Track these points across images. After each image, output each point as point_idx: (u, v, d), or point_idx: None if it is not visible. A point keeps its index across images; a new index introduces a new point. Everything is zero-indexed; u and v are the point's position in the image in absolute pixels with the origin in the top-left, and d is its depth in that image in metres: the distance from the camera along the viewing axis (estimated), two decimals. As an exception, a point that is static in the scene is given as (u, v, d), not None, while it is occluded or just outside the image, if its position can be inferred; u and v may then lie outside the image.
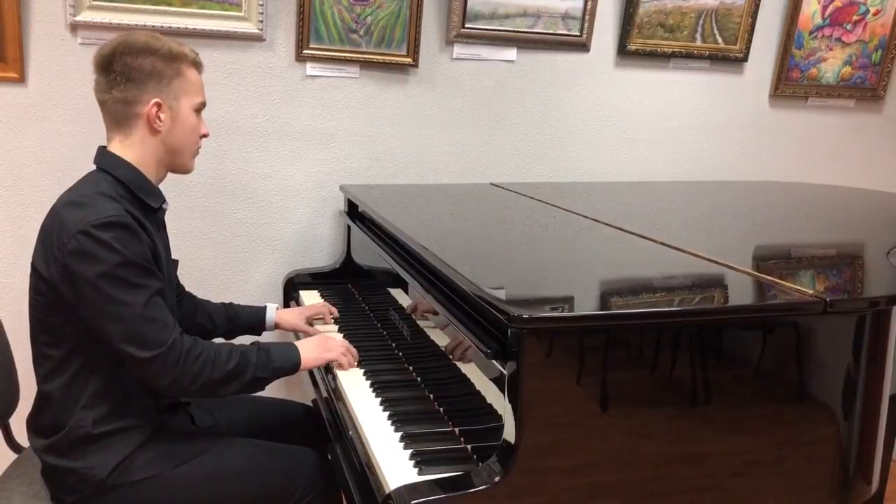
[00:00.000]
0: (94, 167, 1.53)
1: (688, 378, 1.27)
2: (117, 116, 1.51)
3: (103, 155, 1.52)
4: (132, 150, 1.51)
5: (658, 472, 1.27)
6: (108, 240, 1.36)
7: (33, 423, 1.56)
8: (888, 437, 1.50)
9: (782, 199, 2.51)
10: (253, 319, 1.91)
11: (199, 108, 1.57)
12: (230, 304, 1.92)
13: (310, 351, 1.63)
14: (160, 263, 1.50)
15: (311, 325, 1.95)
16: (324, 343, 1.69)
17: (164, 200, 1.58)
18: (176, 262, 1.74)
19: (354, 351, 1.72)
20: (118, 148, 1.52)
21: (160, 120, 1.50)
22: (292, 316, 1.95)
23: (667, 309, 1.28)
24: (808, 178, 2.97)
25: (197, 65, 1.57)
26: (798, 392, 1.34)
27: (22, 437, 1.64)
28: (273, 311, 1.93)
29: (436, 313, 1.55)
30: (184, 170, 1.60)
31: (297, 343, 1.64)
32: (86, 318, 1.41)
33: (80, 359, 1.47)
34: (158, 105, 1.49)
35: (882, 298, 1.37)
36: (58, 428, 1.48)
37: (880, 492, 1.60)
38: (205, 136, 1.61)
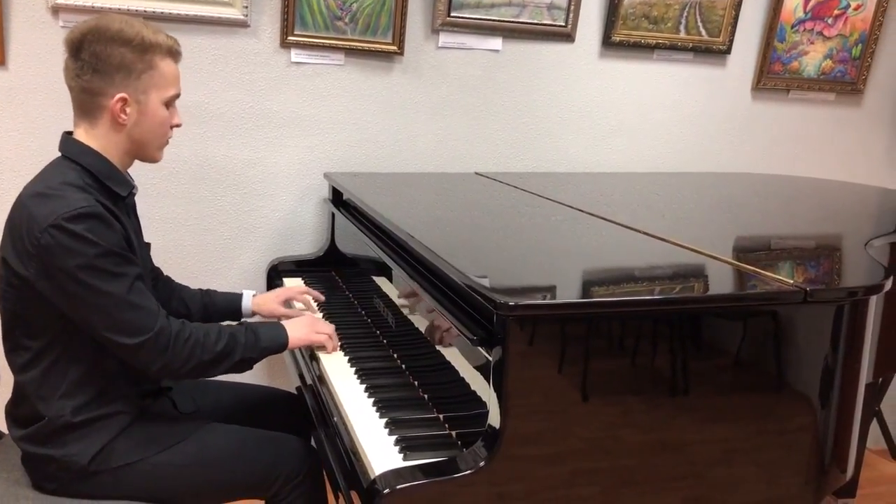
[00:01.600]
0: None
1: (672, 366, 1.29)
2: (83, 105, 1.47)
3: (68, 142, 1.49)
4: (97, 140, 1.48)
5: (639, 459, 1.29)
6: (81, 232, 1.34)
7: (11, 413, 1.54)
8: (863, 426, 1.53)
9: (763, 191, 2.54)
10: (229, 307, 1.89)
11: (172, 100, 1.52)
12: (207, 290, 1.90)
13: (297, 331, 1.63)
14: (134, 249, 1.48)
15: (289, 307, 1.94)
16: (312, 324, 1.69)
17: (132, 187, 1.56)
18: (148, 245, 1.73)
19: (335, 338, 1.73)
20: (83, 136, 1.48)
21: (125, 114, 1.46)
22: (268, 301, 1.92)
23: (652, 297, 1.30)
24: (789, 171, 3.00)
25: (173, 53, 1.50)
26: (777, 381, 1.36)
27: (1, 423, 1.62)
28: (249, 299, 1.90)
29: (419, 298, 1.55)
30: (150, 160, 1.56)
31: (284, 322, 1.64)
32: (68, 310, 1.39)
33: (58, 348, 1.45)
34: (124, 100, 1.44)
35: (860, 288, 1.40)
36: (36, 418, 1.47)
37: (854, 479, 1.63)
38: (177, 126, 1.56)
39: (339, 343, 1.73)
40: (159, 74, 1.47)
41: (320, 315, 1.95)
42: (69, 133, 1.51)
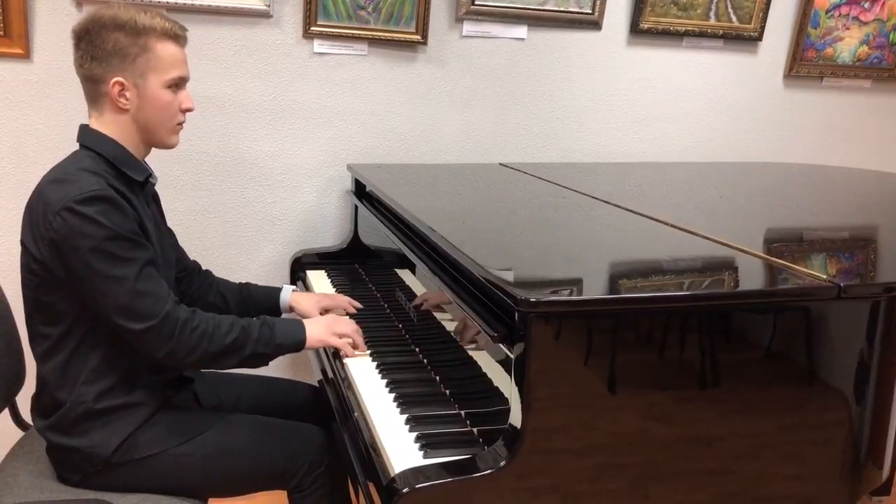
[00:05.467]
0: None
1: (697, 362, 1.26)
2: (89, 94, 1.49)
3: (85, 132, 1.51)
4: (108, 127, 1.50)
5: (665, 454, 1.26)
6: (92, 214, 1.35)
7: (36, 404, 1.56)
8: (901, 423, 1.49)
9: (795, 182, 2.48)
10: (267, 302, 1.87)
11: (175, 83, 1.50)
12: (246, 284, 1.89)
13: (316, 332, 1.60)
14: (148, 236, 1.48)
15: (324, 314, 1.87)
16: (332, 325, 1.65)
17: (149, 173, 1.56)
18: (172, 235, 1.72)
19: (361, 339, 1.67)
20: (96, 124, 1.50)
21: (125, 99, 1.46)
22: (308, 303, 1.86)
23: (677, 293, 1.26)
24: (823, 160, 2.93)
25: (172, 36, 1.48)
26: (808, 377, 1.33)
27: (28, 414, 1.64)
28: (289, 294, 1.87)
29: (449, 302, 1.53)
30: (163, 145, 1.56)
31: (305, 321, 1.63)
32: (79, 293, 1.41)
33: (78, 334, 1.46)
34: (121, 84, 1.45)
35: (897, 284, 1.35)
36: (58, 405, 1.48)
37: (890, 477, 1.59)
38: (188, 110, 1.54)
39: (363, 343, 1.67)
40: (156, 57, 1.46)
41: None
42: (85, 124, 1.53)
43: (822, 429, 1.35)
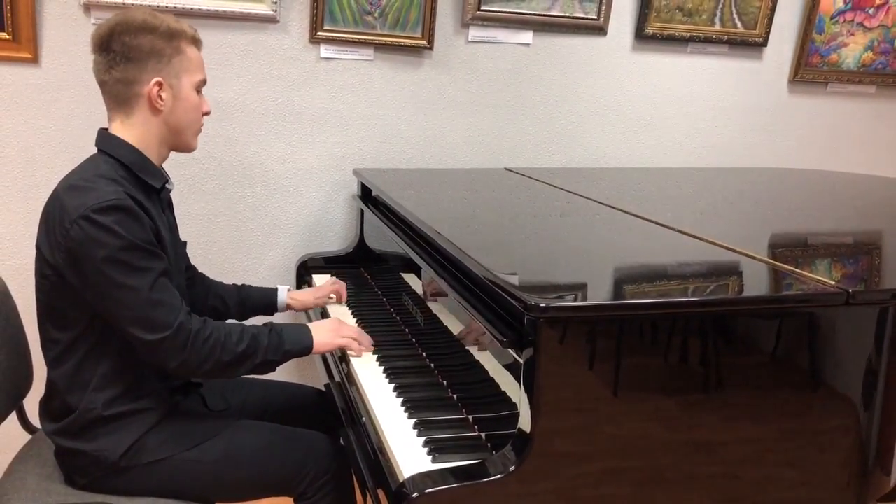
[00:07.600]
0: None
1: (705, 368, 1.26)
2: (118, 97, 1.49)
3: (104, 137, 1.51)
4: (134, 130, 1.50)
5: (673, 459, 1.26)
6: (109, 224, 1.35)
7: (45, 408, 1.56)
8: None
9: (800, 187, 2.48)
10: (264, 301, 1.91)
11: (200, 86, 1.55)
12: (242, 285, 1.91)
13: (323, 335, 1.61)
14: (164, 245, 1.49)
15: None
16: (337, 328, 1.66)
17: (166, 180, 1.57)
18: (184, 243, 1.73)
19: (367, 338, 1.70)
20: (119, 129, 1.50)
21: (161, 99, 1.48)
22: (304, 297, 1.95)
23: (687, 299, 1.26)
24: (827, 166, 2.93)
25: (196, 42, 1.54)
26: (815, 382, 1.33)
27: (36, 418, 1.64)
28: (284, 294, 1.92)
29: (446, 295, 1.53)
30: (187, 148, 1.58)
31: (310, 325, 1.63)
32: (92, 302, 1.41)
33: (88, 341, 1.46)
34: (160, 84, 1.47)
35: (905, 289, 1.35)
36: (68, 411, 1.48)
37: (898, 483, 1.59)
38: (206, 113, 1.59)
39: (370, 345, 1.70)
40: (187, 59, 1.51)
41: (348, 313, 1.94)
42: (104, 129, 1.53)
43: (829, 435, 1.35)
